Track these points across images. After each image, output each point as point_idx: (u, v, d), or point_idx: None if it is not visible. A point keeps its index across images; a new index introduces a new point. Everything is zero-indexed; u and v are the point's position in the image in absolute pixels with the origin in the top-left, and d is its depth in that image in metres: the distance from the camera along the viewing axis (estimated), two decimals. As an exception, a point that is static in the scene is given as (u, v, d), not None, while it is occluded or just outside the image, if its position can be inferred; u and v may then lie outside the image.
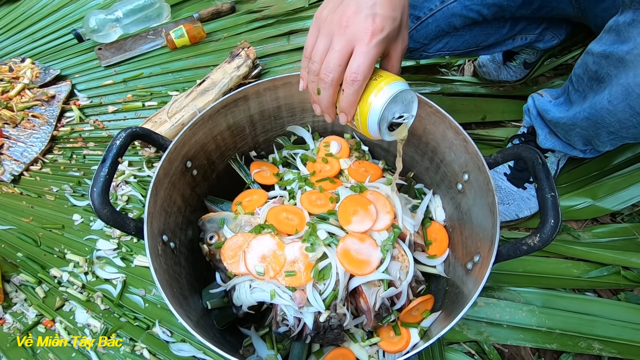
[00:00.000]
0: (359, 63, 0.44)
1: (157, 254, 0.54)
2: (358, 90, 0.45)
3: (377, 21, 0.43)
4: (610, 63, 0.57)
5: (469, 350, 0.74)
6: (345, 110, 0.47)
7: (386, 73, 0.47)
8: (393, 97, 0.45)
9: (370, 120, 0.46)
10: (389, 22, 0.44)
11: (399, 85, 0.46)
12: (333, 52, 0.44)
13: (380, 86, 0.45)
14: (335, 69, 0.45)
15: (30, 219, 0.95)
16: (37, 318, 0.81)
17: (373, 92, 0.45)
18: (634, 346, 0.70)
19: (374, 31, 0.43)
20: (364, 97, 0.46)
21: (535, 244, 0.47)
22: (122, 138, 0.55)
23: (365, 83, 0.45)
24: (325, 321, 0.58)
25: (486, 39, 0.84)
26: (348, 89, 0.45)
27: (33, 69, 1.21)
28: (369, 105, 0.46)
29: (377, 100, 0.45)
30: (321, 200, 0.67)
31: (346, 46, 0.44)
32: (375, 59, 0.44)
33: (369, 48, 0.43)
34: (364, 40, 0.43)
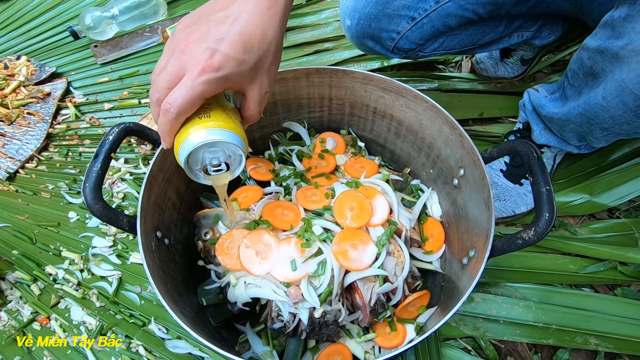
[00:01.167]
0: (177, 95, 0.40)
1: (150, 250, 0.53)
2: (170, 122, 0.41)
3: (215, 58, 0.40)
4: (605, 59, 0.57)
5: (466, 346, 0.74)
6: (161, 136, 0.44)
7: (220, 115, 0.43)
8: (209, 143, 0.42)
9: (179, 156, 0.43)
10: (230, 64, 0.41)
11: (221, 134, 0.42)
12: (164, 72, 0.41)
13: (198, 126, 0.42)
14: (162, 90, 0.41)
15: (25, 216, 0.95)
16: (32, 315, 0.80)
17: (191, 129, 0.42)
18: (631, 341, 0.69)
19: (205, 67, 0.40)
20: (183, 129, 0.43)
21: (530, 238, 0.46)
22: (115, 133, 0.54)
23: (179, 117, 0.41)
24: (320, 317, 0.58)
25: (482, 37, 0.84)
26: (161, 117, 0.42)
27: (28, 67, 1.20)
28: (181, 139, 0.42)
29: (189, 140, 0.42)
30: (317, 196, 0.67)
31: (177, 71, 0.41)
32: (200, 96, 0.41)
33: (194, 83, 0.40)
34: (192, 74, 0.40)
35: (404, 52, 0.81)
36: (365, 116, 0.77)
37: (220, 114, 0.44)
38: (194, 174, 0.46)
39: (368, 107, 0.75)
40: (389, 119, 0.74)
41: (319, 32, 1.26)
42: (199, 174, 0.46)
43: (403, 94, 0.68)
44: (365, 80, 0.70)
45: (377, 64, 1.17)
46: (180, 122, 0.42)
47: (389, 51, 0.80)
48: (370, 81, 0.69)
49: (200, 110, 0.43)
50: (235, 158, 0.46)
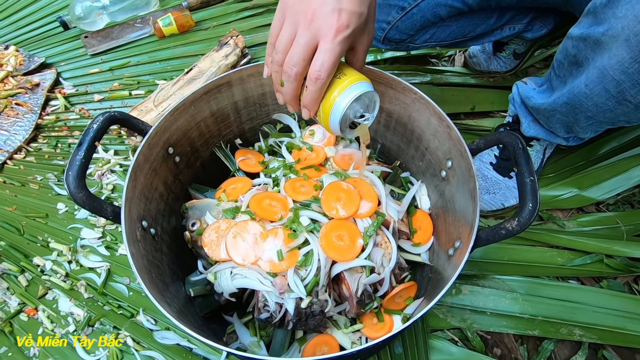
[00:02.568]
0: (322, 60, 0.42)
1: (135, 239, 0.53)
2: (321, 89, 0.44)
3: (343, 17, 0.42)
4: (588, 46, 0.57)
5: (453, 337, 0.74)
6: (307, 106, 0.47)
7: (350, 71, 0.47)
8: (356, 97, 0.45)
9: (332, 118, 0.46)
10: (355, 18, 0.43)
11: (362, 85, 0.45)
12: (297, 45, 0.43)
13: (343, 85, 0.45)
14: (299, 63, 0.43)
15: (13, 207, 0.94)
16: (19, 307, 0.80)
17: (336, 91, 0.45)
18: (614, 332, 0.70)
19: (339, 27, 0.42)
20: (327, 94, 0.45)
21: (514, 228, 0.46)
22: (100, 122, 0.54)
23: (328, 81, 0.44)
24: (307, 307, 0.58)
25: (474, 29, 0.84)
26: (311, 86, 0.44)
27: (17, 57, 1.18)
28: (331, 103, 0.45)
29: (340, 100, 0.45)
30: (305, 187, 0.67)
31: (311, 40, 0.43)
32: (340, 56, 0.43)
33: (334, 45, 0.42)
34: (329, 37, 0.42)
35: (394, 43, 0.80)
36: (355, 108, 0.77)
37: (349, 69, 0.46)
38: (343, 131, 0.49)
39: (358, 98, 0.74)
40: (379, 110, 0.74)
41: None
42: (346, 131, 0.49)
43: (392, 86, 0.68)
44: (355, 71, 0.69)
45: (370, 58, 1.17)
46: (326, 86, 0.45)
47: (379, 42, 0.80)
48: (360, 72, 0.69)
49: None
50: (371, 103, 0.49)
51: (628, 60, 0.53)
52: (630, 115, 0.60)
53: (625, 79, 0.55)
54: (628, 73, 0.54)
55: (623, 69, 0.54)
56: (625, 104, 0.58)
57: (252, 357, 0.47)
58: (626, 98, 0.57)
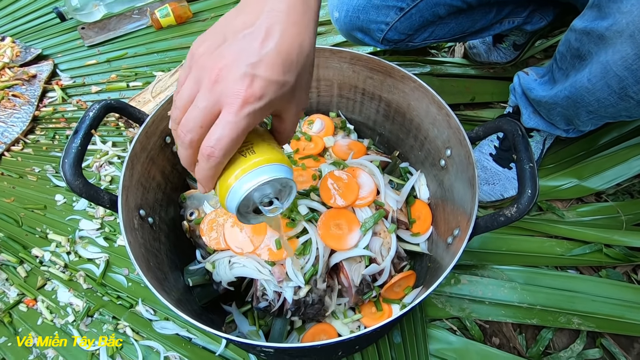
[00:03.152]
0: (219, 136, 0.34)
1: (132, 228, 0.53)
2: (214, 167, 0.36)
3: (256, 85, 0.34)
4: (591, 40, 0.57)
5: (451, 326, 0.74)
6: (200, 182, 0.38)
7: (263, 147, 0.38)
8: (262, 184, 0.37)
9: (228, 201, 0.38)
10: (273, 88, 0.35)
11: (273, 169, 0.37)
12: (195, 108, 0.35)
13: (247, 166, 0.37)
14: (194, 130, 0.35)
15: (11, 199, 0.94)
16: (18, 297, 0.80)
17: (238, 171, 0.37)
18: (612, 320, 0.70)
19: (246, 98, 0.33)
20: (226, 172, 0.37)
21: (513, 215, 0.46)
22: (96, 110, 0.53)
23: (225, 160, 0.36)
24: (305, 296, 0.58)
25: (473, 25, 0.83)
26: (203, 163, 0.36)
27: (13, 48, 1.17)
28: (228, 185, 0.37)
29: (239, 184, 0.37)
30: (303, 176, 0.67)
31: (212, 106, 0.34)
32: (244, 131, 0.35)
33: (237, 118, 0.34)
34: (233, 108, 0.34)
35: (393, 43, 0.80)
36: (354, 98, 0.76)
37: (263, 146, 0.39)
38: (244, 218, 0.41)
39: (357, 88, 0.74)
40: (377, 100, 0.73)
41: (311, 16, 1.24)
42: (249, 216, 0.41)
43: (391, 74, 0.67)
44: (353, 60, 0.69)
45: (369, 48, 1.16)
46: (224, 164, 0.37)
47: (378, 42, 0.79)
48: (358, 61, 0.68)
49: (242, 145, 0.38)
50: (285, 189, 0.41)
51: (632, 57, 0.52)
52: (631, 110, 0.59)
53: (628, 75, 0.54)
54: (632, 69, 0.53)
55: (627, 65, 0.53)
56: (627, 99, 0.57)
57: (251, 344, 0.47)
58: (628, 94, 0.56)
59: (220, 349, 0.73)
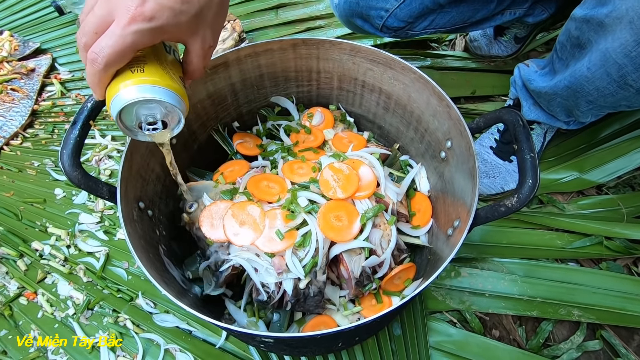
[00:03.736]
0: (104, 44, 0.36)
1: (131, 220, 0.53)
2: (98, 73, 0.38)
3: (147, 6, 0.36)
4: (591, 28, 0.56)
5: (451, 319, 0.74)
6: (90, 86, 0.40)
7: (157, 69, 0.40)
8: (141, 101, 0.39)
9: (111, 109, 0.40)
10: (166, 14, 0.37)
11: (151, 92, 0.39)
12: (92, 14, 0.37)
13: (132, 81, 0.38)
14: (88, 34, 0.37)
15: (11, 193, 0.94)
16: (18, 290, 0.80)
17: (122, 83, 0.38)
18: (613, 312, 0.71)
19: (135, 15, 0.35)
20: (114, 82, 0.39)
21: (513, 205, 0.46)
22: (94, 101, 0.53)
23: (108, 69, 0.38)
24: (305, 288, 0.58)
25: (474, 14, 0.82)
26: (88, 67, 0.38)
27: (11, 42, 1.17)
28: (111, 94, 0.39)
29: (119, 96, 0.39)
30: (303, 169, 0.67)
31: (106, 15, 0.36)
32: (131, 47, 0.37)
33: (124, 32, 0.36)
34: (121, 22, 0.36)
35: (393, 31, 0.79)
36: (354, 90, 0.76)
37: (156, 68, 0.40)
38: (130, 131, 0.43)
39: (357, 80, 0.73)
40: (377, 92, 0.73)
41: (310, 10, 1.23)
42: (135, 131, 0.43)
43: (391, 66, 0.67)
44: (353, 51, 0.68)
45: (369, 42, 1.15)
46: (110, 74, 0.39)
47: (377, 30, 0.79)
48: (358, 52, 0.68)
49: (134, 61, 0.39)
50: (173, 116, 0.43)
51: (631, 44, 0.52)
52: (631, 99, 0.59)
53: (627, 62, 0.54)
54: (631, 57, 0.53)
55: (626, 52, 0.53)
56: (626, 88, 0.57)
57: (251, 334, 0.47)
58: (628, 82, 0.56)
59: (221, 341, 0.73)
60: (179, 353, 0.72)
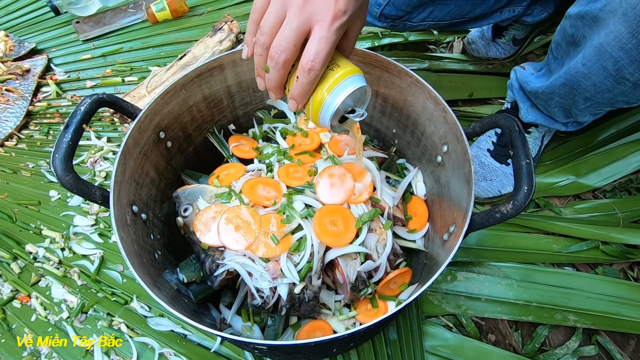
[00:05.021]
0: (317, 50, 0.39)
1: (124, 224, 0.52)
2: (314, 81, 0.41)
3: (341, 1, 0.38)
4: (585, 24, 0.56)
5: (447, 323, 0.74)
6: (296, 98, 0.43)
7: (343, 60, 0.43)
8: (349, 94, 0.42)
9: (322, 114, 0.43)
10: (352, 3, 0.39)
11: (356, 79, 0.42)
12: (288, 28, 0.39)
13: (337, 78, 0.41)
14: (288, 49, 0.39)
15: (5, 195, 0.93)
16: (12, 293, 0.79)
17: (329, 84, 0.41)
18: (608, 317, 0.70)
19: (336, 13, 0.38)
20: (318, 87, 0.42)
21: (509, 211, 0.46)
22: (87, 104, 0.52)
23: (322, 72, 0.41)
24: (300, 293, 0.57)
25: (472, 9, 0.82)
26: (303, 78, 0.40)
27: (7, 42, 1.16)
28: (322, 97, 0.42)
29: (332, 96, 0.41)
30: (299, 173, 0.66)
31: (304, 25, 0.38)
32: (335, 44, 0.40)
33: (330, 33, 0.38)
34: (325, 23, 0.38)
35: (391, 20, 0.78)
36: (351, 93, 0.75)
37: (341, 59, 0.43)
38: (333, 128, 0.45)
39: (353, 83, 0.73)
40: (374, 95, 0.73)
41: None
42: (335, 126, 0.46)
43: (388, 69, 0.66)
44: (350, 54, 0.68)
45: (367, 44, 1.15)
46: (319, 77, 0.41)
47: (375, 18, 0.78)
48: (355, 55, 0.67)
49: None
50: (362, 96, 0.45)
51: (626, 36, 0.52)
52: (629, 94, 0.59)
53: (623, 55, 0.53)
54: (626, 49, 0.53)
55: (621, 45, 0.53)
56: (623, 82, 0.57)
57: (246, 341, 0.46)
58: (624, 76, 0.56)
59: (215, 345, 0.72)
60: (173, 357, 0.72)
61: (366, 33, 1.16)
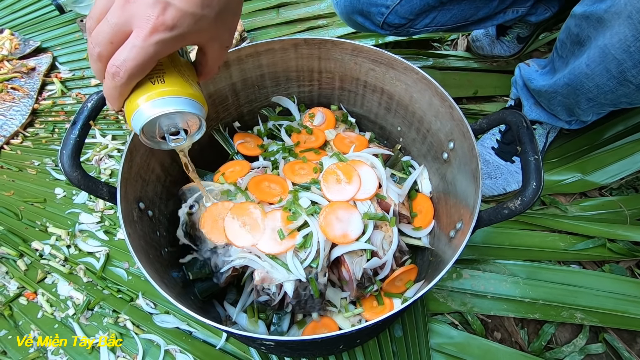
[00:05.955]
0: (126, 57, 0.34)
1: (131, 220, 0.52)
2: (119, 88, 0.36)
3: (168, 14, 0.34)
4: (590, 24, 0.56)
5: (453, 321, 0.74)
6: (107, 99, 0.38)
7: (175, 78, 0.39)
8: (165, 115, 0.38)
9: (133, 123, 0.39)
10: (187, 20, 0.35)
11: (180, 102, 0.38)
12: (106, 22, 0.35)
13: (155, 93, 0.37)
14: (103, 44, 0.35)
15: (11, 192, 0.93)
16: (18, 290, 0.80)
17: (144, 96, 0.37)
18: (616, 315, 0.70)
19: (156, 25, 0.34)
20: (133, 95, 0.38)
21: (517, 207, 0.46)
22: (94, 100, 0.52)
23: (130, 82, 0.36)
24: (305, 290, 0.57)
25: (476, 12, 0.82)
26: (108, 81, 0.36)
27: (12, 40, 1.16)
28: (132, 108, 0.38)
29: (142, 109, 0.37)
30: (304, 169, 0.66)
31: (122, 25, 0.34)
32: (152, 58, 0.35)
33: (145, 44, 0.34)
34: (142, 32, 0.34)
35: (394, 28, 0.78)
36: (356, 90, 0.75)
37: (175, 77, 0.39)
38: (152, 142, 0.42)
39: (358, 80, 0.73)
40: (379, 93, 0.73)
41: (312, 9, 1.22)
42: (157, 141, 0.42)
43: (393, 66, 0.66)
44: (355, 51, 0.68)
45: (371, 42, 1.14)
46: (131, 87, 0.37)
47: (378, 27, 0.78)
48: (360, 52, 0.67)
49: (152, 71, 0.38)
50: (194, 123, 0.42)
51: (630, 39, 0.51)
52: (631, 96, 0.58)
53: (626, 58, 0.53)
54: (630, 52, 0.52)
55: (625, 47, 0.52)
56: (626, 84, 0.56)
57: (251, 337, 0.46)
58: (627, 78, 0.55)
59: (221, 342, 0.72)
60: (179, 354, 0.72)
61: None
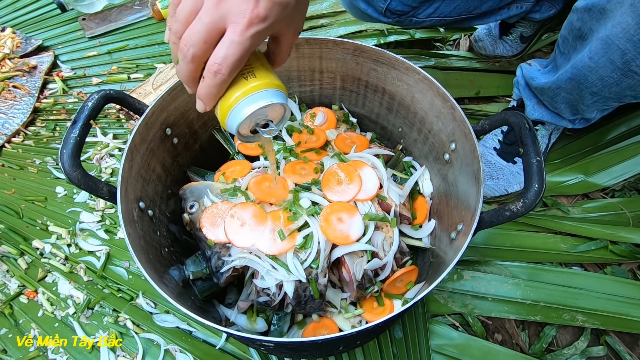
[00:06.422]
0: (226, 54, 0.35)
1: (131, 220, 0.52)
2: (219, 85, 0.37)
3: (261, 6, 0.34)
4: (593, 16, 0.55)
5: (454, 322, 0.74)
6: (202, 98, 0.39)
7: (263, 71, 0.40)
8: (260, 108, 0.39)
9: (229, 121, 0.40)
10: (277, 9, 0.36)
11: (272, 95, 0.39)
12: (199, 22, 0.35)
13: (249, 88, 0.38)
14: (197, 45, 0.36)
15: (12, 191, 0.94)
16: (19, 289, 0.80)
17: (239, 92, 0.38)
18: (617, 318, 0.70)
19: (252, 19, 0.34)
20: (228, 92, 0.39)
21: (519, 210, 0.45)
22: (95, 100, 0.53)
23: (230, 78, 0.37)
24: (305, 290, 0.57)
25: (479, 5, 0.81)
26: (209, 80, 0.37)
27: (14, 39, 1.16)
28: (230, 105, 0.39)
29: (241, 106, 0.39)
30: (305, 170, 0.66)
31: (216, 22, 0.35)
32: (249, 51, 0.36)
33: (243, 38, 0.35)
34: (238, 27, 0.34)
35: (396, 15, 0.77)
36: (357, 90, 0.75)
37: (262, 70, 0.40)
38: (243, 137, 0.43)
39: (360, 80, 0.72)
40: (381, 93, 0.72)
41: (313, 8, 1.22)
42: (247, 136, 0.44)
43: (395, 66, 0.66)
44: (357, 51, 0.67)
45: (373, 41, 1.14)
46: (228, 83, 0.38)
47: (381, 14, 0.77)
48: (362, 52, 0.67)
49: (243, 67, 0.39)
50: (279, 113, 0.43)
51: (634, 27, 0.51)
52: (637, 88, 0.58)
53: (630, 47, 0.53)
54: (633, 41, 0.52)
55: (628, 36, 0.52)
56: (631, 75, 0.56)
57: (251, 338, 0.46)
58: (632, 69, 0.55)
59: (221, 342, 0.72)
60: (179, 354, 0.72)
61: (372, 30, 1.15)
